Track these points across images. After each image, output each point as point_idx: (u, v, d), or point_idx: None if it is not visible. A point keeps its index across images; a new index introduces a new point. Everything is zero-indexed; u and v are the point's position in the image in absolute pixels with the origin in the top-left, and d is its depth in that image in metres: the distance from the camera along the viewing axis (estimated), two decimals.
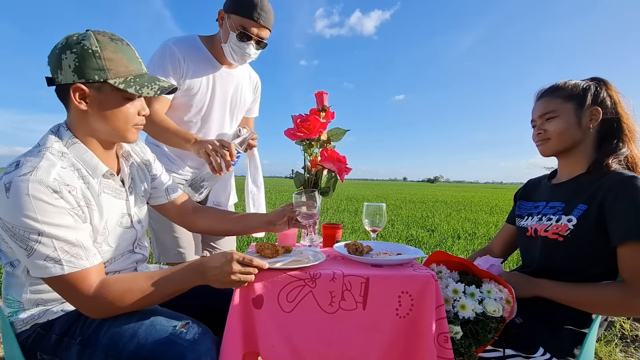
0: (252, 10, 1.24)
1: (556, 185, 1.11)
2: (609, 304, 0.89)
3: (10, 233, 0.71)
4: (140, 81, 0.84)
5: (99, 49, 0.79)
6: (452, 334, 0.83)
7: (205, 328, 0.83)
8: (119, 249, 0.91)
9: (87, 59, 0.78)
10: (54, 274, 0.72)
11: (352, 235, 4.95)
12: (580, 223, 0.95)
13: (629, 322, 2.13)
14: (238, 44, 1.29)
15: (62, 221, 0.73)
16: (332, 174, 1.10)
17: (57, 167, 0.76)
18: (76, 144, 0.84)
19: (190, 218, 1.15)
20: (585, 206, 0.95)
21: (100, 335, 0.79)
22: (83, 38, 0.79)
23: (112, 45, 0.81)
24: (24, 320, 0.82)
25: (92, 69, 0.79)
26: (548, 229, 1.01)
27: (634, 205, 0.86)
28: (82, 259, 0.75)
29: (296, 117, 1.04)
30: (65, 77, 0.79)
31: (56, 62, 0.79)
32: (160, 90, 0.86)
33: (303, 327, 0.83)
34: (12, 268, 0.80)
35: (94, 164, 0.85)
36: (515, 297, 0.89)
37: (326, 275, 0.84)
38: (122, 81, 0.82)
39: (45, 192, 0.71)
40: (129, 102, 0.85)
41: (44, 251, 0.71)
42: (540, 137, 1.08)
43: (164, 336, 0.77)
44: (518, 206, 1.22)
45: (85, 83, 0.79)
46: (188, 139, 1.22)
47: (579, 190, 1.01)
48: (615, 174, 0.93)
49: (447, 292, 0.89)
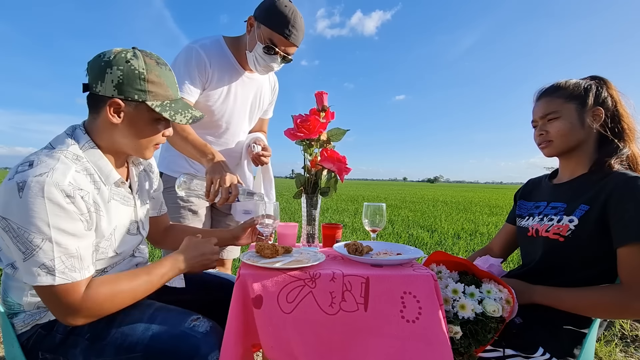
0: (284, 27, 1.20)
1: (557, 186, 1.10)
2: (608, 307, 0.89)
3: (12, 233, 0.70)
4: (175, 107, 0.88)
5: (145, 71, 0.82)
6: (451, 334, 0.83)
7: (214, 323, 0.86)
8: (122, 254, 0.92)
9: (132, 79, 0.81)
10: (44, 284, 0.71)
11: (352, 236, 4.95)
12: (581, 223, 0.95)
13: (629, 322, 2.13)
14: (263, 56, 1.27)
15: (71, 227, 0.73)
16: (332, 174, 1.10)
17: (72, 171, 0.76)
18: (93, 149, 0.85)
19: (159, 235, 1.17)
20: (587, 207, 0.95)
21: (112, 330, 0.80)
22: (132, 57, 0.82)
23: (157, 69, 0.84)
24: (24, 321, 0.82)
25: (134, 88, 0.82)
26: (549, 230, 1.00)
27: (638, 207, 0.86)
28: (75, 271, 0.74)
29: (296, 117, 1.04)
30: (105, 89, 0.81)
31: (99, 73, 0.81)
32: (192, 119, 0.90)
33: (303, 329, 0.82)
34: (14, 270, 0.79)
35: (107, 171, 0.86)
36: (515, 297, 0.89)
37: (326, 275, 0.84)
38: (159, 104, 0.85)
39: (59, 195, 0.71)
40: (159, 124, 0.89)
41: (41, 258, 0.70)
42: (543, 139, 1.07)
43: (178, 329, 0.81)
44: (518, 206, 1.22)
45: (123, 100, 0.82)
46: (205, 154, 1.19)
47: (580, 191, 1.00)
48: (619, 175, 0.93)
49: (446, 292, 0.89)
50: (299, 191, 1.13)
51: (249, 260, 0.89)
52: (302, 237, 1.17)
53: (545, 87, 1.10)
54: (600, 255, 0.93)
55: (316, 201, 1.09)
